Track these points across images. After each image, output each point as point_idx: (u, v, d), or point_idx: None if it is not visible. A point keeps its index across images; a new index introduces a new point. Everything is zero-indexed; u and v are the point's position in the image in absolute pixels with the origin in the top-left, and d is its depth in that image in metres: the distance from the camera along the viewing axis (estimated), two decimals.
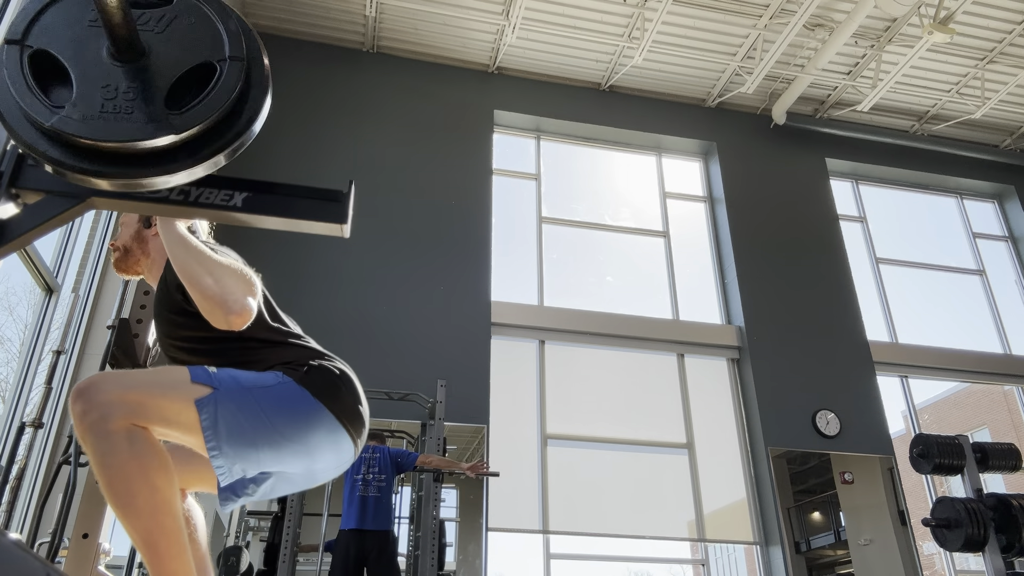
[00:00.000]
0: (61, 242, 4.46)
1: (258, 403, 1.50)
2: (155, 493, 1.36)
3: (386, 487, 4.97)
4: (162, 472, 1.39)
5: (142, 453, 1.37)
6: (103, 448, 1.35)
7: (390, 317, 6.79)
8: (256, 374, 1.56)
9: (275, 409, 1.51)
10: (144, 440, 1.39)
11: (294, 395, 1.54)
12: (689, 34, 7.98)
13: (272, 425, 1.50)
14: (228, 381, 1.51)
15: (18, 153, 1.07)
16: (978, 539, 4.61)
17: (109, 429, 1.35)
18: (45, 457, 4.12)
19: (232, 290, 1.53)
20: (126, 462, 1.35)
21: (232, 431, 1.46)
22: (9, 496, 2.59)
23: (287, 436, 1.51)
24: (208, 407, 1.45)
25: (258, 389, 1.52)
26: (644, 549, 7.05)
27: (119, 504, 1.35)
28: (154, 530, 1.35)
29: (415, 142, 7.81)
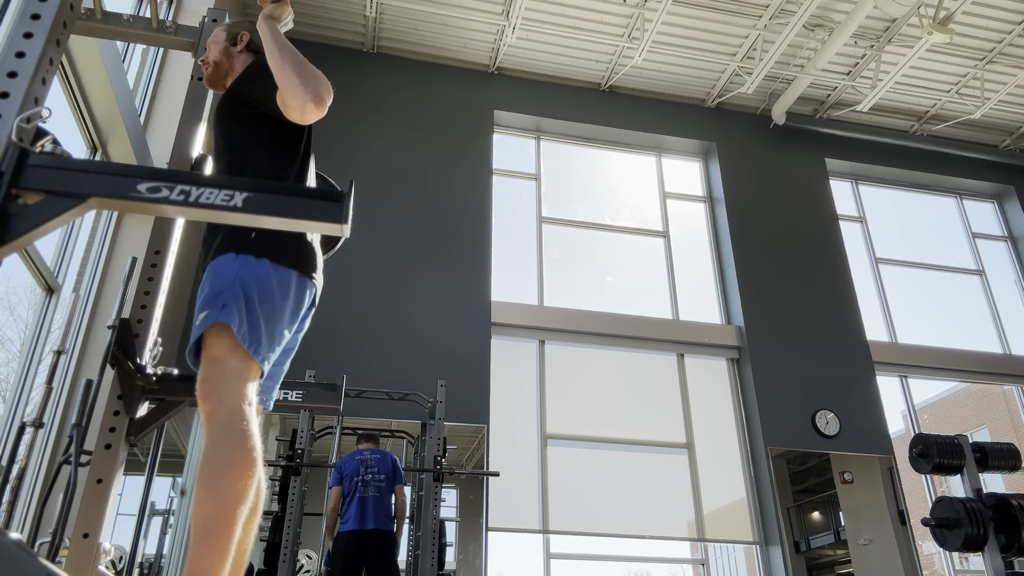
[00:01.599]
0: (61, 242, 4.46)
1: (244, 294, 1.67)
2: (237, 482, 1.47)
3: (385, 487, 4.99)
4: (252, 467, 1.51)
5: (245, 447, 1.51)
6: (222, 437, 1.52)
7: (390, 317, 6.79)
8: (221, 276, 1.70)
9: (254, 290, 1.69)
10: (252, 436, 1.54)
11: (256, 268, 1.71)
12: (689, 34, 7.98)
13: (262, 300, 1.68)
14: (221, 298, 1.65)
15: (19, 153, 1.07)
16: (977, 539, 4.61)
17: (236, 426, 1.53)
18: (45, 457, 4.13)
19: (315, 83, 1.76)
20: (231, 451, 1.50)
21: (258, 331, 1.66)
22: (9, 496, 2.59)
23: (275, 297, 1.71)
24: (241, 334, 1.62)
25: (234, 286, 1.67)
26: (644, 549, 7.06)
27: (203, 482, 1.47)
28: (217, 516, 1.44)
29: (415, 142, 7.82)
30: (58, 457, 3.62)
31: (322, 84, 1.78)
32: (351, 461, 5.06)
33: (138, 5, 5.16)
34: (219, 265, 1.72)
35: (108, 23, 2.49)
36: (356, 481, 4.95)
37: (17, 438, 2.83)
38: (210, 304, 1.65)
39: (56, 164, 1.09)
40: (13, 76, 1.15)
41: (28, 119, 1.13)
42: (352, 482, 4.97)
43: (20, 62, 1.16)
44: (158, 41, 2.58)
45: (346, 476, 5.01)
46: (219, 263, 1.72)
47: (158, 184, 1.09)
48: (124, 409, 1.88)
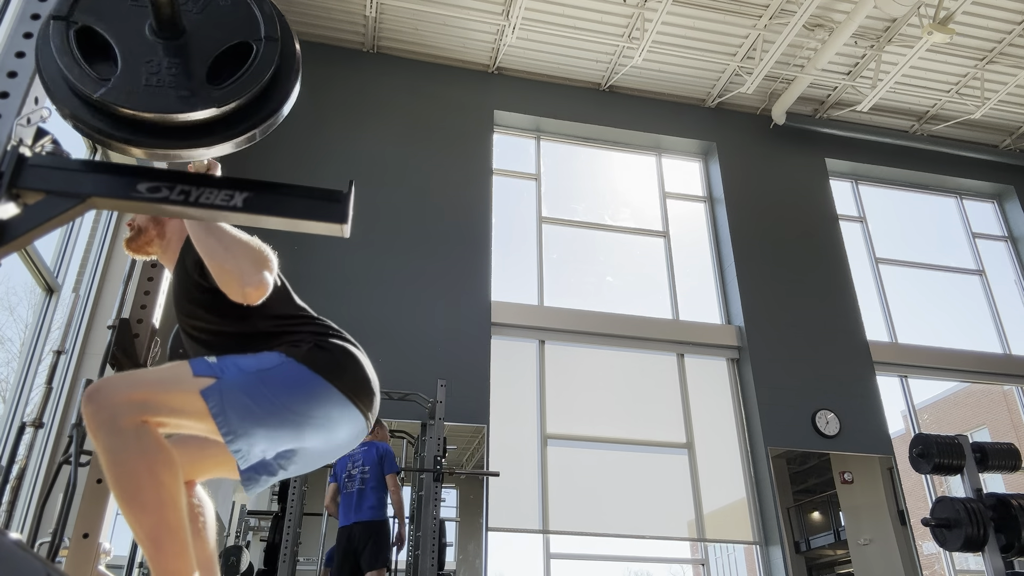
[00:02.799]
0: (61, 242, 4.46)
1: (263, 384, 1.53)
2: (160, 489, 1.38)
3: (370, 478, 4.99)
4: (168, 468, 1.41)
5: (149, 450, 1.40)
6: (112, 445, 1.39)
7: (390, 317, 6.79)
8: (257, 357, 1.59)
9: (280, 389, 1.54)
10: (151, 437, 1.42)
11: (297, 374, 1.57)
12: (689, 34, 7.98)
13: (280, 404, 1.53)
14: (230, 368, 1.54)
15: (19, 153, 1.07)
16: (977, 539, 4.61)
17: (119, 427, 1.39)
18: (45, 457, 4.13)
19: (248, 264, 1.58)
20: (133, 458, 1.39)
21: (242, 415, 1.49)
22: (9, 496, 2.59)
23: (297, 413, 1.55)
24: (214, 396, 1.48)
25: (262, 372, 1.55)
26: (644, 549, 7.05)
27: (125, 499, 1.38)
28: (158, 526, 1.38)
29: (415, 142, 7.81)
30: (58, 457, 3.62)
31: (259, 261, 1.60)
32: (342, 459, 5.06)
33: None
34: (263, 354, 1.60)
35: None
36: (343, 478, 4.99)
37: (17, 438, 2.83)
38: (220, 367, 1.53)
39: (56, 164, 1.09)
40: (13, 76, 1.15)
41: (28, 119, 1.13)
42: (341, 479, 5.02)
43: (20, 62, 1.16)
44: None
45: (338, 474, 5.06)
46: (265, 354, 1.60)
47: (158, 184, 1.08)
48: None
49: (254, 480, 1.62)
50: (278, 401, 1.53)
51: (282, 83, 1.19)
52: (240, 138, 1.16)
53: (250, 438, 1.52)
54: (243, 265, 1.57)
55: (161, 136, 1.13)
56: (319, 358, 1.62)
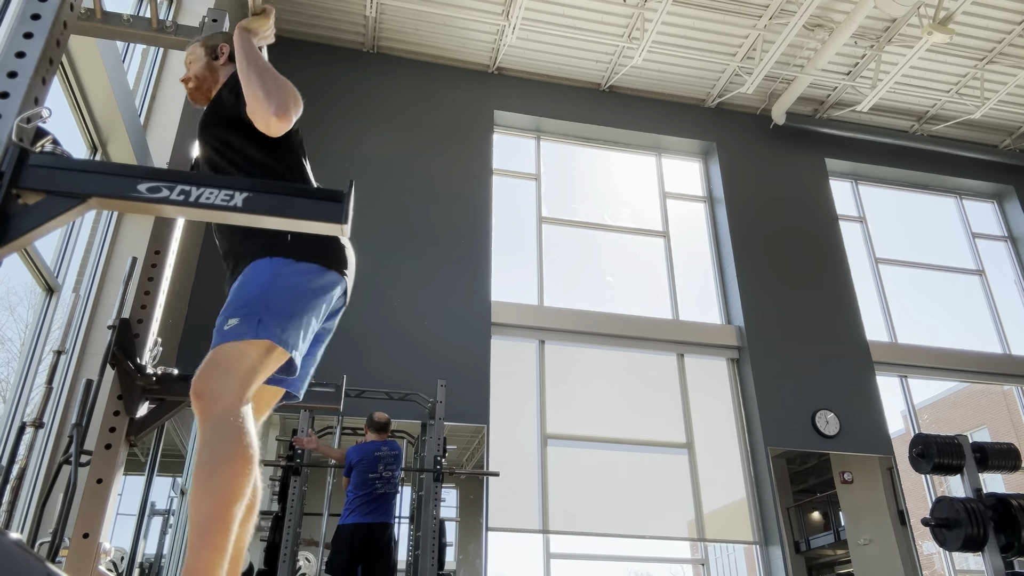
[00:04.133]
0: (61, 242, 4.46)
1: (281, 299, 1.70)
2: (234, 479, 1.48)
3: (397, 481, 5.01)
4: (248, 465, 1.52)
5: (241, 445, 1.52)
6: (216, 435, 1.52)
7: (390, 317, 6.79)
8: (256, 281, 1.72)
9: (290, 296, 1.72)
10: (249, 434, 1.55)
11: (293, 275, 1.74)
12: (689, 34, 7.98)
13: (300, 299, 1.72)
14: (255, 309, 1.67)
15: (19, 153, 1.07)
16: (977, 539, 4.61)
17: (230, 424, 1.53)
18: (45, 457, 4.13)
19: (281, 96, 1.74)
20: (228, 448, 1.50)
21: (289, 328, 1.67)
22: (9, 496, 2.59)
23: (312, 299, 1.75)
24: (264, 330, 1.64)
25: (271, 292, 1.70)
26: (644, 549, 7.06)
27: (200, 481, 1.48)
28: (215, 514, 1.44)
29: (415, 142, 7.82)
30: (58, 457, 3.62)
31: (288, 96, 1.76)
32: (367, 455, 4.97)
33: (138, 5, 5.16)
34: (254, 271, 1.74)
35: (108, 23, 2.49)
36: (374, 478, 4.90)
37: (17, 438, 2.83)
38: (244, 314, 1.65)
39: (56, 164, 1.09)
40: (13, 76, 1.15)
41: (28, 119, 1.13)
42: (367, 478, 4.89)
43: (20, 62, 1.17)
44: (158, 41, 2.58)
45: (359, 468, 4.92)
46: (254, 268, 1.75)
47: (158, 184, 1.09)
48: (124, 409, 1.88)
49: (303, 379, 1.95)
50: (297, 304, 1.71)
51: None
52: None
53: (301, 339, 1.71)
54: (274, 96, 1.73)
55: None
56: (300, 247, 1.76)
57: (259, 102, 1.73)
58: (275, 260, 1.74)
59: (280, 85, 1.77)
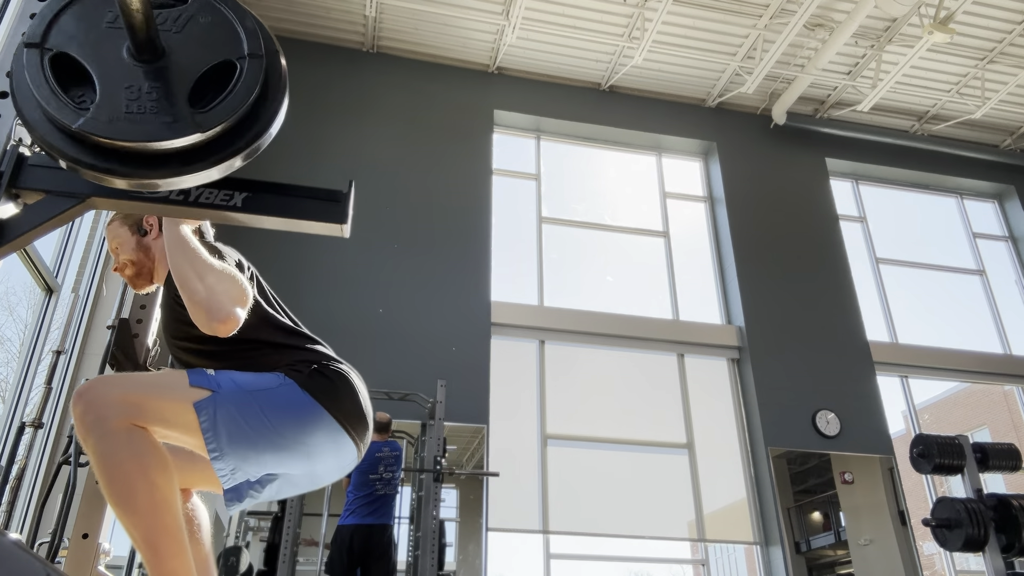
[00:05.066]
0: (61, 242, 4.46)
1: (259, 405, 1.51)
2: (154, 491, 1.36)
3: (398, 483, 4.99)
4: (161, 470, 1.39)
5: (141, 452, 1.38)
6: (103, 448, 1.37)
7: (390, 317, 6.79)
8: (256, 376, 1.57)
9: (276, 411, 1.52)
10: (143, 439, 1.40)
11: (295, 397, 1.55)
12: (689, 34, 7.98)
13: (272, 427, 1.51)
14: (227, 384, 1.52)
15: (18, 153, 1.07)
16: (978, 539, 4.61)
17: (109, 429, 1.37)
18: (45, 457, 4.12)
19: (220, 298, 1.52)
20: (125, 461, 1.36)
21: (232, 434, 1.47)
22: (9, 496, 2.59)
23: (288, 438, 1.52)
24: (207, 409, 1.46)
25: (259, 392, 1.53)
26: (644, 549, 7.05)
27: (119, 503, 1.36)
28: (154, 528, 1.36)
29: (415, 142, 7.81)
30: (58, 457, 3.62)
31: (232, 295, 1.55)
32: (368, 456, 4.90)
33: None
34: (264, 374, 1.58)
35: None
36: (374, 479, 4.88)
37: (17, 438, 2.83)
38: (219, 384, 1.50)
39: (55, 164, 1.09)
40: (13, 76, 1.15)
41: None
42: (367, 478, 4.87)
43: None
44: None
45: (359, 469, 4.82)
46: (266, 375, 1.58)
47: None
48: None
49: (235, 501, 1.60)
50: (271, 423, 1.50)
51: (268, 103, 1.12)
52: (224, 163, 1.09)
53: (236, 459, 1.48)
54: (213, 299, 1.52)
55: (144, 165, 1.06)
56: (318, 383, 1.60)
57: (197, 308, 1.51)
58: (288, 380, 1.57)
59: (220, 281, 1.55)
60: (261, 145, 1.13)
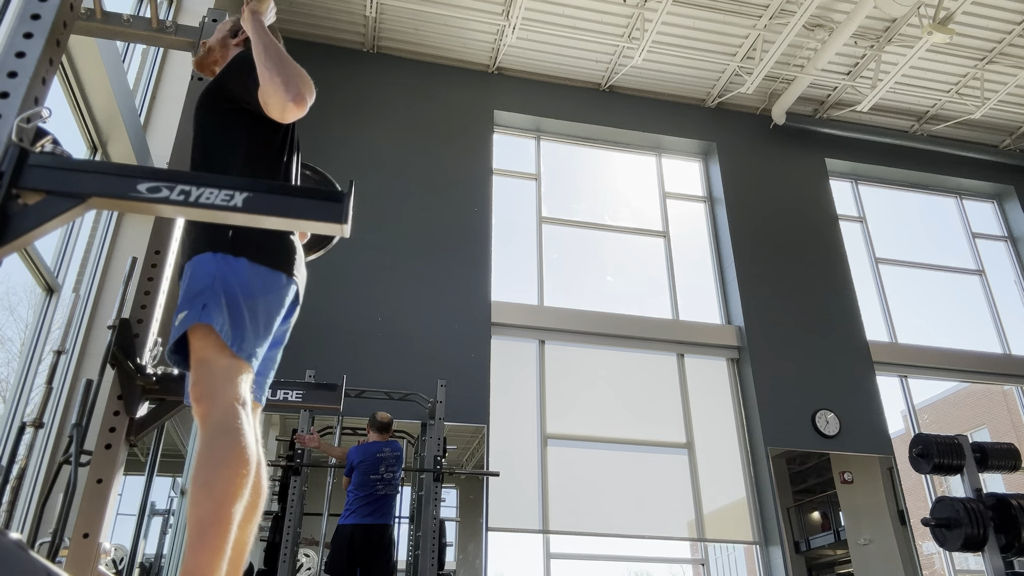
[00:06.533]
0: (61, 242, 4.46)
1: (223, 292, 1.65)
2: (232, 481, 1.48)
3: (398, 483, 4.99)
4: (247, 466, 1.52)
5: (240, 446, 1.52)
6: (216, 435, 1.53)
7: (390, 317, 6.79)
8: (199, 274, 1.69)
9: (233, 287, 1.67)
10: (248, 435, 1.55)
11: (232, 271, 1.70)
12: (689, 34, 7.98)
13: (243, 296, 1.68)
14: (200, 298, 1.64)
15: (19, 153, 1.07)
16: (977, 539, 4.61)
17: (231, 425, 1.53)
18: (45, 457, 4.13)
19: (297, 83, 1.76)
20: (227, 450, 1.50)
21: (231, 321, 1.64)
22: (9, 496, 2.59)
23: (256, 294, 1.70)
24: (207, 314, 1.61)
25: (214, 285, 1.66)
26: (644, 549, 7.05)
27: (198, 481, 1.47)
28: (213, 515, 1.44)
29: (415, 142, 7.82)
30: (58, 457, 3.62)
31: (304, 83, 1.78)
32: (369, 456, 4.95)
33: (138, 5, 5.16)
34: (197, 264, 1.71)
35: (108, 23, 2.49)
36: (374, 479, 4.89)
37: (17, 438, 2.83)
38: (190, 304, 1.65)
39: (56, 164, 1.09)
40: (13, 76, 1.15)
41: (28, 119, 1.13)
42: (368, 478, 4.87)
43: (20, 62, 1.16)
44: (158, 41, 2.58)
45: (360, 469, 4.89)
46: (197, 262, 1.72)
47: (158, 184, 1.09)
48: (124, 409, 1.88)
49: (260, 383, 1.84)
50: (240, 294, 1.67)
51: None
52: None
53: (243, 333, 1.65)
54: (292, 84, 1.75)
55: None
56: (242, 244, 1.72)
57: (276, 87, 1.74)
58: (217, 255, 1.71)
59: (296, 71, 1.79)
60: None
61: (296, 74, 1.78)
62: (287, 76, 1.76)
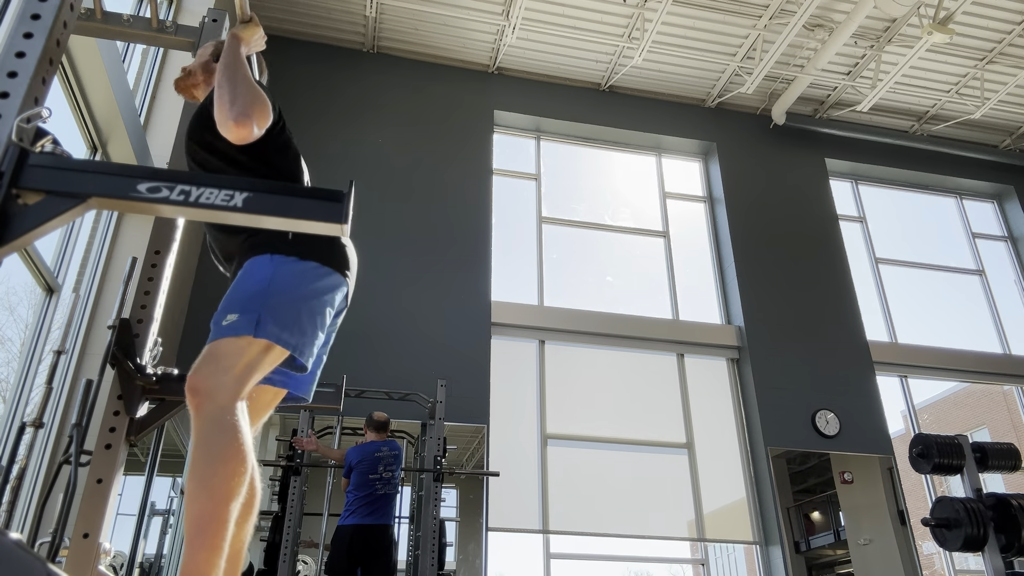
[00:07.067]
0: (61, 242, 4.46)
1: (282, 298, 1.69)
2: (229, 480, 1.48)
3: (397, 482, 5.00)
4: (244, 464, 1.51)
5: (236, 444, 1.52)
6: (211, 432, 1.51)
7: (390, 317, 6.79)
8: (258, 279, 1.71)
9: (296, 291, 1.72)
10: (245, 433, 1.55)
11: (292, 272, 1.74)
12: (689, 34, 7.98)
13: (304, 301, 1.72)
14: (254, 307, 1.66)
15: (19, 153, 1.07)
16: (977, 539, 4.61)
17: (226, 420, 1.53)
18: (45, 457, 4.13)
19: (242, 104, 1.70)
20: (223, 447, 1.50)
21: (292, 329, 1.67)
22: (9, 496, 2.59)
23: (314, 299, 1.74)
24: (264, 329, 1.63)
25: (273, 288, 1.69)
26: (644, 549, 7.06)
27: (195, 479, 1.47)
28: (210, 514, 1.44)
29: (415, 142, 7.82)
30: (58, 457, 3.62)
31: (255, 106, 1.72)
32: (368, 456, 4.95)
33: (138, 5, 5.16)
34: (253, 266, 1.74)
35: (108, 23, 2.49)
36: (373, 479, 4.88)
37: (17, 438, 2.83)
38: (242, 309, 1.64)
39: (56, 164, 1.09)
40: (13, 76, 1.15)
41: (28, 119, 1.13)
42: (367, 478, 4.87)
43: (20, 62, 1.16)
44: (158, 41, 2.58)
45: (359, 469, 4.89)
46: (253, 264, 1.74)
47: (158, 184, 1.09)
48: (124, 409, 1.88)
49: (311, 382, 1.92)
50: (301, 299, 1.71)
51: None
52: None
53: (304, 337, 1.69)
54: (237, 103, 1.69)
55: None
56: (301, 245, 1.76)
57: (222, 106, 1.70)
58: (275, 257, 1.73)
59: (249, 93, 1.73)
60: None
61: (248, 95, 1.73)
62: (236, 95, 1.71)
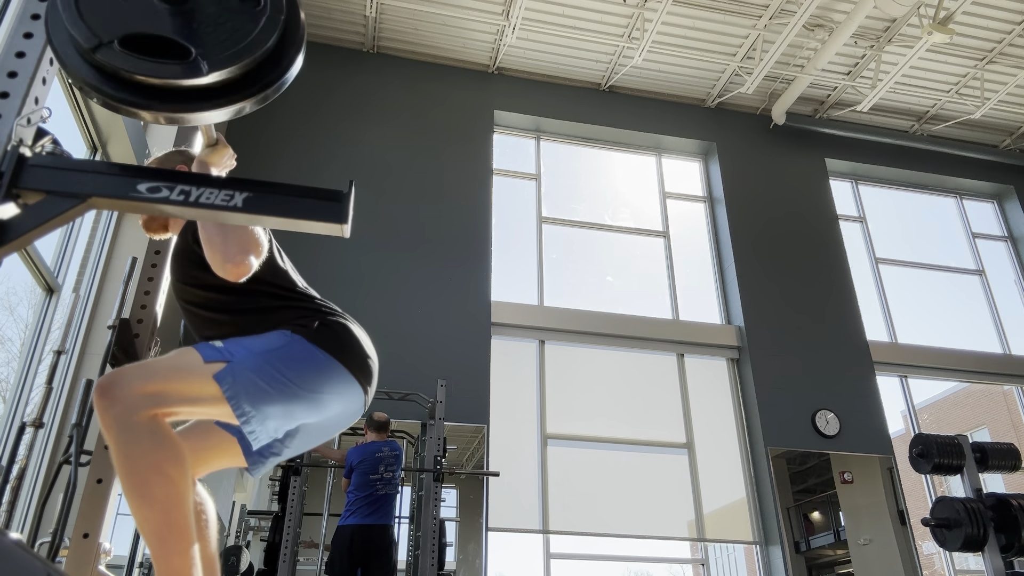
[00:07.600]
0: (62, 242, 4.46)
1: (273, 365, 1.58)
2: (169, 485, 1.40)
3: (397, 482, 5.00)
4: (178, 465, 1.43)
5: (160, 446, 1.42)
6: (124, 440, 1.40)
7: (390, 317, 6.79)
8: (264, 338, 1.63)
9: (290, 367, 1.59)
10: (163, 433, 1.44)
11: (306, 352, 1.63)
12: (689, 34, 7.98)
13: (290, 382, 1.58)
14: (239, 351, 1.58)
15: (19, 153, 1.07)
16: (977, 539, 4.61)
17: (132, 422, 1.41)
18: (45, 457, 4.13)
19: (236, 243, 1.58)
20: (144, 454, 1.40)
21: (254, 396, 1.53)
22: (9, 496, 2.59)
23: (305, 389, 1.60)
24: (227, 379, 1.52)
25: (270, 352, 1.60)
26: (644, 549, 7.06)
27: (134, 495, 1.39)
28: (164, 523, 1.39)
29: (415, 142, 7.82)
30: (58, 457, 3.62)
31: (247, 243, 1.60)
32: (368, 456, 4.95)
33: None
34: (270, 335, 1.64)
35: None
36: (373, 479, 4.88)
37: (17, 438, 2.83)
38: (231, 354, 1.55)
39: (56, 164, 1.09)
40: (13, 76, 1.15)
41: (28, 119, 1.13)
42: (368, 479, 4.87)
43: (20, 62, 1.16)
44: None
45: (359, 469, 4.89)
46: (271, 334, 1.64)
47: (158, 184, 1.09)
48: None
49: (261, 462, 1.71)
50: (288, 379, 1.57)
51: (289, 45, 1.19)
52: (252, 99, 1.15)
53: (263, 418, 1.55)
54: (230, 243, 1.58)
55: (168, 100, 1.11)
56: (324, 336, 1.67)
57: (212, 250, 1.57)
58: (296, 336, 1.64)
59: (238, 229, 1.60)
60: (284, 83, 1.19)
61: (238, 236, 1.60)
62: (227, 240, 1.58)
